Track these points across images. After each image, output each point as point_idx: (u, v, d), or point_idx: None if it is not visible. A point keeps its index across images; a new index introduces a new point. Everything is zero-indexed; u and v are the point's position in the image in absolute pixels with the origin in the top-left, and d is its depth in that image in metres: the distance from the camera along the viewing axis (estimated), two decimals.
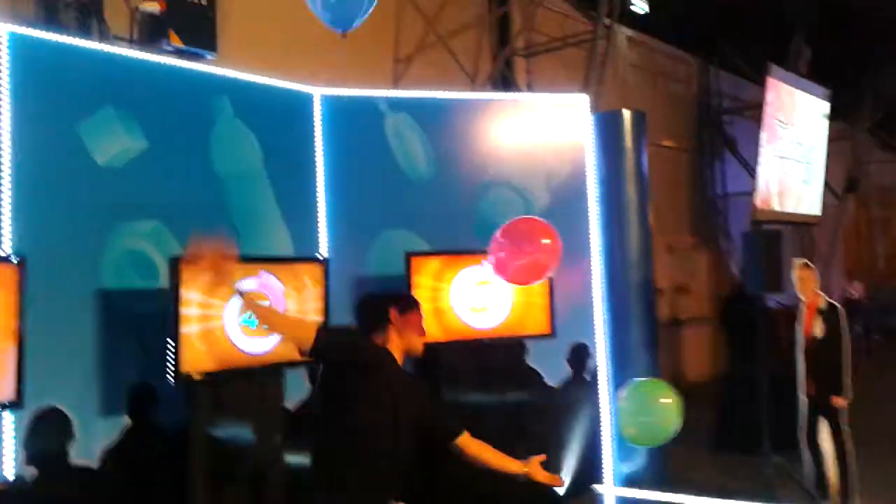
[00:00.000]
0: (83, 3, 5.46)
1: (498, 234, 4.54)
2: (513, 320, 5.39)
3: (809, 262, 5.96)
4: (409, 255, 5.22)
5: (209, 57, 4.97)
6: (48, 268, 4.00)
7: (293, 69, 5.84)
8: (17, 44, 4.07)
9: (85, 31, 5.54)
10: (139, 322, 4.40)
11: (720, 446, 7.70)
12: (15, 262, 3.59)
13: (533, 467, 3.16)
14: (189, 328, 4.11)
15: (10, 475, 3.79)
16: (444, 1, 8.09)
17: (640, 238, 6.56)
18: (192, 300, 4.13)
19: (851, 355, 5.73)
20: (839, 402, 5.67)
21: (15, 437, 3.84)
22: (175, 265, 4.07)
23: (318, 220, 5.51)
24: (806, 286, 5.83)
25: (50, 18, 5.51)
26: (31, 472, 3.85)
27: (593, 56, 8.85)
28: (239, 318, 4.33)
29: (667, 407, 4.44)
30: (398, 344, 3.09)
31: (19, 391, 3.48)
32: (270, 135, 5.23)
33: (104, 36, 5.08)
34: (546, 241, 4.44)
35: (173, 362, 4.05)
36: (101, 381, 4.28)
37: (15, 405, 3.51)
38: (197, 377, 4.14)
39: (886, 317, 18.61)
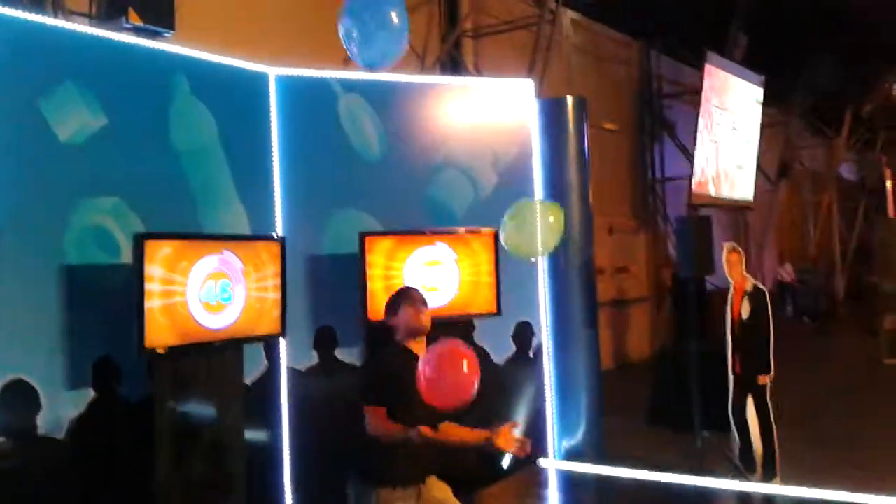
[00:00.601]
0: None
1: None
2: (461, 299, 5.61)
3: (737, 247, 6.31)
4: (362, 235, 5.39)
5: (167, 35, 5.03)
6: (12, 243, 4.07)
7: (248, 47, 5.94)
8: None
9: (38, 5, 5.57)
10: (102, 297, 4.48)
11: (655, 422, 8.09)
12: None
13: (500, 438, 3.47)
14: (152, 303, 4.23)
15: None
16: None
17: (582, 220, 6.88)
18: (155, 276, 4.24)
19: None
20: (763, 379, 6.07)
21: None
22: (139, 241, 4.18)
23: (274, 197, 5.62)
24: (734, 269, 6.19)
25: None
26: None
27: (539, 39, 9.08)
28: (200, 294, 4.47)
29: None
30: (408, 338, 3.58)
31: None
32: (226, 113, 5.29)
33: (62, 11, 5.11)
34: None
35: (138, 337, 4.17)
36: (66, 355, 4.35)
37: None
38: (160, 351, 4.27)
39: (816, 299, 19.42)
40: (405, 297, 3.68)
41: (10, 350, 3.93)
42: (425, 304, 3.67)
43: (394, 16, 3.24)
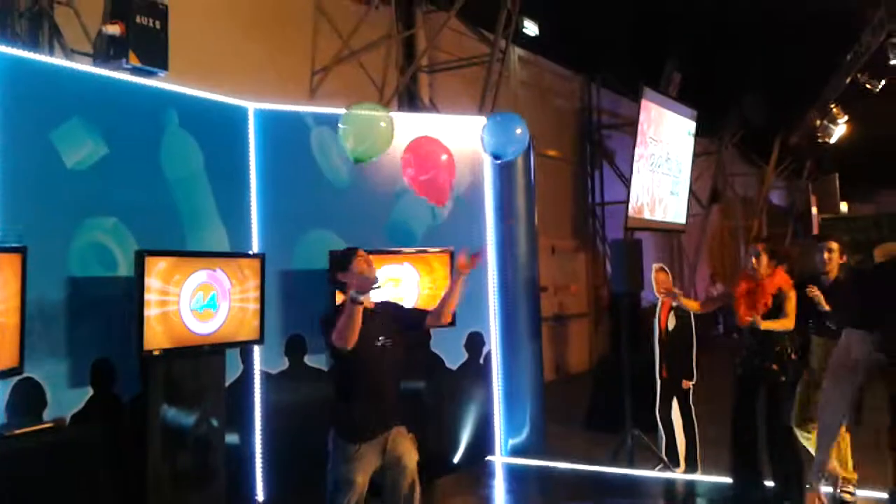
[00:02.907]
0: (36, 16, 6.06)
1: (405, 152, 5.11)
2: None
3: (664, 266, 7.07)
4: (332, 253, 5.99)
5: (161, 74, 5.59)
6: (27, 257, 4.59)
7: (228, 82, 6.57)
8: (3, 62, 4.65)
9: (35, 42, 6.11)
10: (101, 306, 5.02)
11: (591, 426, 8.80)
12: (19, 250, 4.14)
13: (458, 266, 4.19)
14: (150, 311, 4.80)
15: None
16: (358, 21, 8.88)
17: (527, 242, 7.57)
18: (153, 287, 4.82)
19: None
20: (687, 384, 6.82)
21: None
22: (140, 257, 4.77)
23: (251, 219, 6.20)
24: (661, 287, 6.95)
25: (3, 29, 6.04)
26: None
27: (489, 75, 9.82)
28: (191, 304, 5.06)
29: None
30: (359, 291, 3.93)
31: (21, 358, 4.10)
32: (210, 143, 5.85)
33: (65, 51, 5.66)
34: (444, 157, 5.08)
35: (137, 340, 4.74)
36: (68, 357, 4.86)
37: (17, 371, 4.13)
38: (156, 353, 4.85)
39: None
40: (354, 254, 4.14)
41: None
42: (370, 260, 4.17)
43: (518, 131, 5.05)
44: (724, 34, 13.52)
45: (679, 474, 6.69)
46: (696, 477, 6.59)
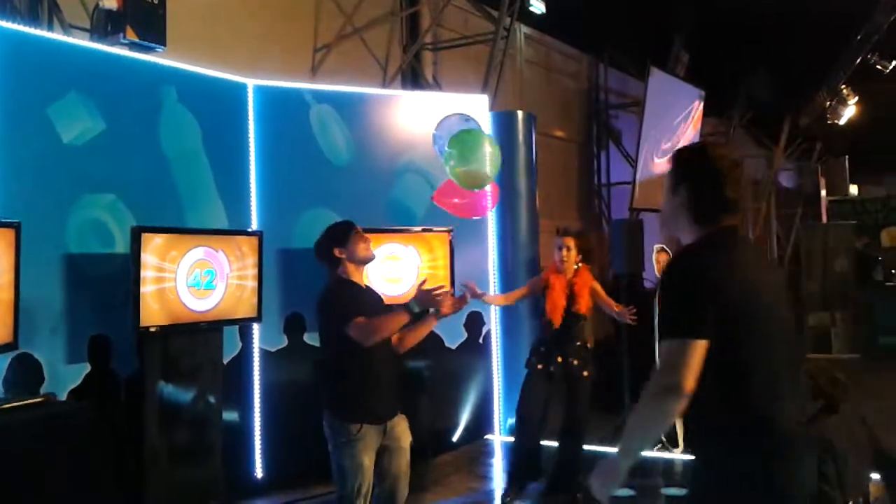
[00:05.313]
0: None
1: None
2: None
3: (665, 247, 7.04)
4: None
5: (159, 49, 5.54)
6: (23, 232, 4.58)
7: (229, 57, 6.53)
8: (0, 37, 4.62)
9: (35, 18, 6.07)
10: (98, 283, 5.03)
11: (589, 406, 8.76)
12: (13, 225, 4.12)
13: (444, 307, 3.76)
14: (146, 288, 4.80)
15: None
16: None
17: (529, 222, 7.55)
18: (149, 264, 4.82)
19: None
20: None
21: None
22: (136, 233, 4.76)
23: (250, 196, 6.20)
24: (661, 267, 6.93)
25: (1, 4, 6.00)
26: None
27: (493, 54, 9.72)
28: (188, 280, 5.05)
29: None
30: (354, 269, 3.97)
31: (15, 334, 4.10)
32: (209, 120, 5.83)
33: (62, 25, 5.63)
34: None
35: (134, 317, 4.74)
36: (66, 333, 4.88)
37: (11, 347, 4.13)
38: (152, 330, 4.85)
39: None
40: (353, 230, 3.99)
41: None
42: (367, 239, 4.06)
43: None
44: (732, 14, 13.35)
45: (678, 454, 6.68)
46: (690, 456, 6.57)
